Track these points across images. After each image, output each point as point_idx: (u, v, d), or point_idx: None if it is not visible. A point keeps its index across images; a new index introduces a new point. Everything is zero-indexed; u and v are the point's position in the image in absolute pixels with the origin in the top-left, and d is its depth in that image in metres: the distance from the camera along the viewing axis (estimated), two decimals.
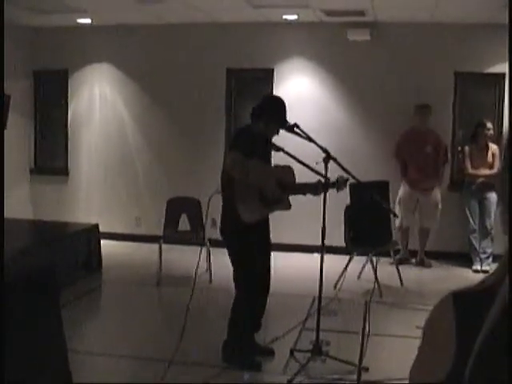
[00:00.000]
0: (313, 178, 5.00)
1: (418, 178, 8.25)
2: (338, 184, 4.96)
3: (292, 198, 5.21)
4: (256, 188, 4.80)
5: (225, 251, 5.00)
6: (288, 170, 5.16)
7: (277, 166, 5.19)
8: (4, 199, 6.28)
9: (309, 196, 5.17)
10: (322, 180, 4.90)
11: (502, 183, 1.09)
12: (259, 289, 5.07)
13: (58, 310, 3.76)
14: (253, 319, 5.04)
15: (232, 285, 5.05)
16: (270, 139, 5.03)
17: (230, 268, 5.01)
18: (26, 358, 3.30)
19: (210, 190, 5.02)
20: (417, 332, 1.66)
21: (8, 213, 6.44)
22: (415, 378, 1.14)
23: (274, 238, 9.20)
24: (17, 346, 3.22)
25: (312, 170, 4.82)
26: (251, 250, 4.89)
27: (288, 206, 5.16)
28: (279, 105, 5.02)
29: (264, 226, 5.12)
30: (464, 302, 1.08)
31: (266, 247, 5.19)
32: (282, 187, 5.01)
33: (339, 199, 7.08)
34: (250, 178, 4.71)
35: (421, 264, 8.39)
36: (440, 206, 8.27)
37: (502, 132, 8.41)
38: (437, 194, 8.33)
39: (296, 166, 4.96)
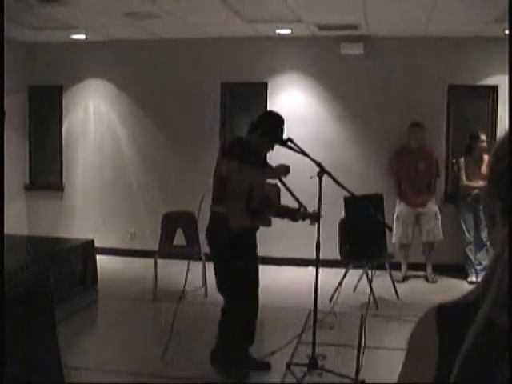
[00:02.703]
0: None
1: (412, 195, 8.27)
2: (314, 216, 5.01)
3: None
4: (244, 196, 4.80)
5: None
6: (275, 188, 5.19)
7: (266, 182, 5.20)
8: (4, 215, 6.27)
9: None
10: (302, 209, 4.96)
11: (486, 196, 1.11)
12: (247, 301, 5.03)
13: (54, 325, 3.76)
14: (241, 330, 5.02)
15: None
16: (265, 155, 5.05)
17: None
18: (21, 373, 3.29)
19: (206, 205, 5.01)
20: None
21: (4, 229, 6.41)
22: None
23: (269, 251, 9.25)
24: (12, 361, 3.21)
25: (295, 198, 4.88)
26: (238, 258, 4.85)
27: (268, 223, 5.16)
28: (277, 120, 5.04)
29: (251, 238, 5.10)
30: (447, 316, 1.09)
31: (253, 260, 5.15)
32: (267, 201, 5.01)
33: (334, 212, 7.11)
34: (244, 184, 4.73)
35: (425, 279, 8.35)
36: (439, 216, 8.27)
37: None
38: (432, 205, 8.33)
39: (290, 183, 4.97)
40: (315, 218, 5.01)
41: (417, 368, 1.12)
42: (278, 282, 8.25)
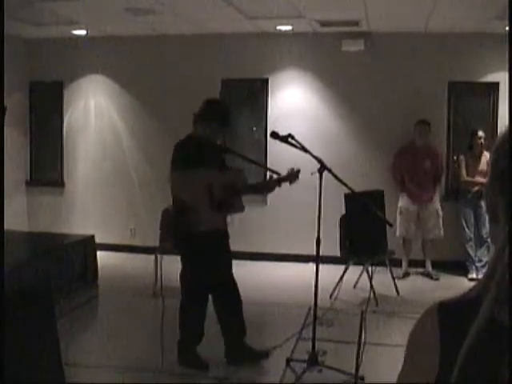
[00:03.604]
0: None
1: (417, 193, 8.25)
2: (290, 176, 5.00)
3: (289, 209, 5.24)
4: (204, 197, 4.82)
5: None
6: (237, 172, 5.24)
7: (227, 170, 5.21)
8: (4, 212, 6.28)
9: (304, 204, 5.20)
10: (274, 176, 4.98)
11: (488, 192, 1.11)
12: (224, 298, 5.19)
13: (54, 321, 3.76)
14: (194, 326, 5.12)
15: None
16: (216, 143, 5.11)
17: None
18: (20, 371, 3.30)
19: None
20: None
21: (4, 225, 6.42)
22: None
23: (270, 247, 9.27)
24: (12, 357, 3.22)
25: (263, 167, 4.89)
26: (202, 255, 4.92)
27: (241, 209, 5.17)
28: (219, 106, 5.14)
29: (221, 237, 5.13)
30: (449, 313, 1.09)
31: (225, 256, 5.19)
32: (230, 191, 5.02)
33: (335, 209, 7.11)
34: (196, 192, 4.76)
35: (428, 276, 8.36)
36: (441, 213, 8.27)
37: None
38: (435, 203, 8.33)
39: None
40: (293, 177, 5.02)
41: (418, 365, 1.12)
42: (279, 279, 8.26)
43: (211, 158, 5.01)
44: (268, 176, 5.25)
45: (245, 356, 5.20)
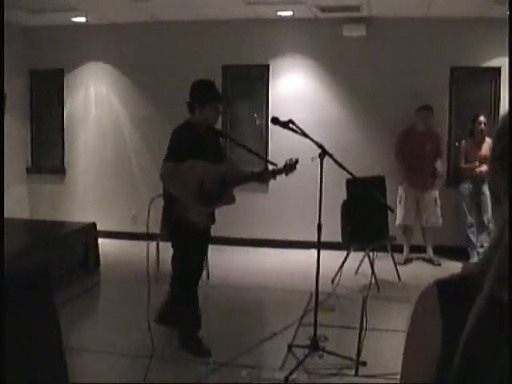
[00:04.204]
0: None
1: (417, 177, 8.22)
2: (286, 168, 4.96)
3: (290, 195, 5.23)
4: (194, 191, 4.82)
5: (221, 248, 5.03)
6: (230, 162, 5.23)
7: (221, 161, 5.18)
8: (4, 199, 6.29)
9: (305, 190, 5.19)
10: (271, 167, 4.96)
11: (491, 174, 1.11)
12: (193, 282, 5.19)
13: (54, 308, 3.76)
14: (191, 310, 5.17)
15: (230, 281, 5.07)
16: (213, 127, 5.09)
17: (227, 264, 5.03)
18: (22, 357, 3.30)
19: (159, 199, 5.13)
20: None
21: (5, 212, 6.43)
22: (406, 369, 1.15)
23: (272, 234, 9.28)
24: (13, 346, 3.22)
25: (260, 157, 4.86)
26: (189, 242, 4.99)
27: (232, 200, 5.15)
28: (204, 84, 5.08)
29: (205, 231, 5.19)
30: (448, 292, 1.09)
31: (203, 245, 5.25)
32: (222, 182, 5.00)
33: (336, 194, 7.11)
34: (185, 184, 4.76)
35: (430, 262, 8.37)
36: (439, 202, 8.26)
37: None
38: (433, 191, 8.31)
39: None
40: (289, 169, 4.96)
41: (421, 344, 1.12)
42: (280, 265, 8.27)
43: (207, 146, 4.99)
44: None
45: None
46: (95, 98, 9.81)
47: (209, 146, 5.02)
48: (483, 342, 0.99)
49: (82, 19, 9.19)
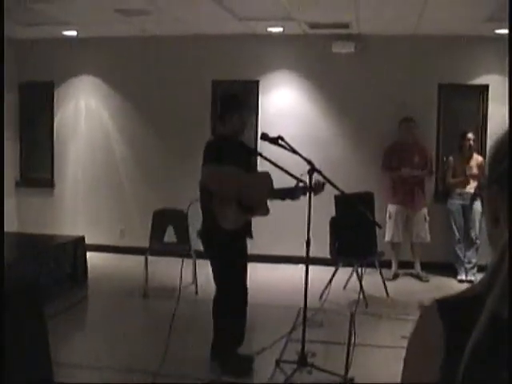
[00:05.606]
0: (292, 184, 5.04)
1: (405, 192, 8.24)
2: (315, 188, 4.97)
3: (278, 210, 5.24)
4: (233, 195, 4.82)
5: (209, 263, 5.02)
6: (265, 175, 5.21)
7: (254, 172, 5.23)
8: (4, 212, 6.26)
9: (294, 206, 5.20)
10: (300, 184, 4.96)
11: (488, 197, 1.12)
12: (237, 301, 5.09)
13: (44, 322, 3.76)
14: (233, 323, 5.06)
15: None
16: (242, 141, 5.11)
17: None
18: (11, 369, 3.29)
19: (197, 203, 5.06)
20: (402, 342, 1.68)
21: None
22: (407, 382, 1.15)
23: (259, 249, 9.24)
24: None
25: (291, 175, 4.86)
26: (230, 255, 4.93)
27: (266, 212, 5.16)
28: (229, 96, 5.27)
29: (242, 238, 5.12)
30: (450, 311, 1.10)
31: (243, 260, 5.18)
32: (258, 193, 5.02)
33: (324, 210, 7.12)
34: (226, 188, 4.76)
35: (418, 278, 8.38)
36: (428, 218, 8.30)
37: (486, 142, 8.47)
38: (423, 207, 8.33)
39: (277, 173, 4.98)
40: (318, 188, 4.98)
41: (422, 367, 1.11)
42: (268, 280, 8.26)
43: (239, 158, 5.00)
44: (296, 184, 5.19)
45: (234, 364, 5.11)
46: (85, 112, 9.81)
47: (240, 157, 5.01)
48: (486, 362, 1.00)
49: (73, 33, 9.21)
